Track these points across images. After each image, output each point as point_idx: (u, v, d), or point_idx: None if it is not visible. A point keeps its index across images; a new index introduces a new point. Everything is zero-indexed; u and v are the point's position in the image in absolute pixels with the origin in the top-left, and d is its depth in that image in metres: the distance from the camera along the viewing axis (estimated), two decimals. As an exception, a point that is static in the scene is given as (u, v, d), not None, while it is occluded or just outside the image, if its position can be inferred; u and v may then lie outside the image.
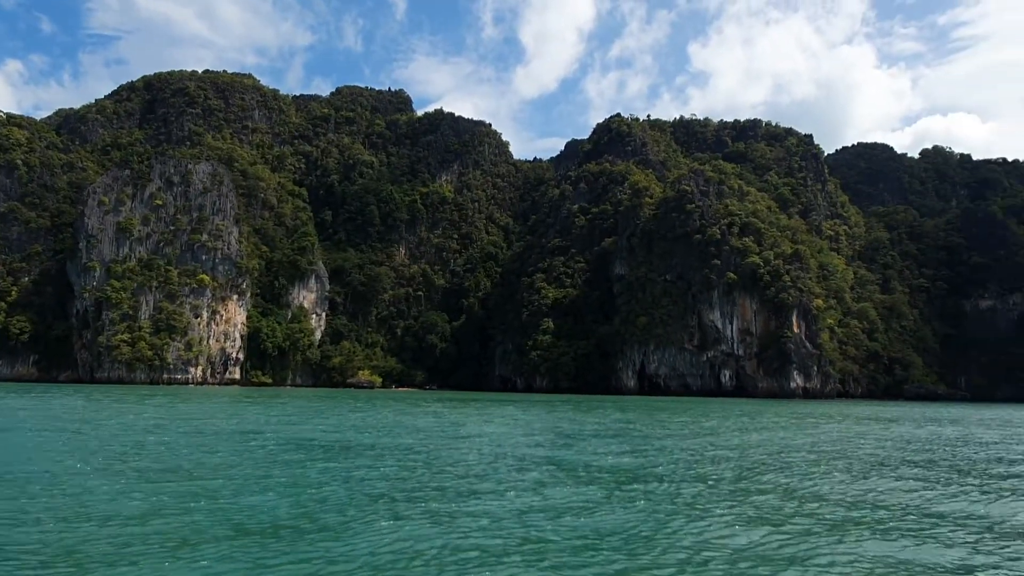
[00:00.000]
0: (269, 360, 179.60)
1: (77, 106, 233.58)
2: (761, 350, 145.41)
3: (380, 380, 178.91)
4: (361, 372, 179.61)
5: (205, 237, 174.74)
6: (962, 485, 18.29)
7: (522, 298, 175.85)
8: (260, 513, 13.60)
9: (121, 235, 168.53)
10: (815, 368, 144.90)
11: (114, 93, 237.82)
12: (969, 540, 12.29)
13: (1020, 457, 25.18)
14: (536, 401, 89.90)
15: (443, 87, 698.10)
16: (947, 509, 15.07)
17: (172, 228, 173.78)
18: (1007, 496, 16.57)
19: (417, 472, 19.36)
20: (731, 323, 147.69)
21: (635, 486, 17.25)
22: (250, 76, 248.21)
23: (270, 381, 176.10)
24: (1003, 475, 20.31)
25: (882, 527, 13.30)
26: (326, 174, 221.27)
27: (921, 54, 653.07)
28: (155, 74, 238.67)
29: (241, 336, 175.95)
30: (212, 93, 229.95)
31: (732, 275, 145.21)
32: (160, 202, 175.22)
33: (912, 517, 14.31)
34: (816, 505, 15.27)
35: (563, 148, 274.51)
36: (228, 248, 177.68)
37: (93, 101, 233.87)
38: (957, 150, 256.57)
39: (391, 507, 14.23)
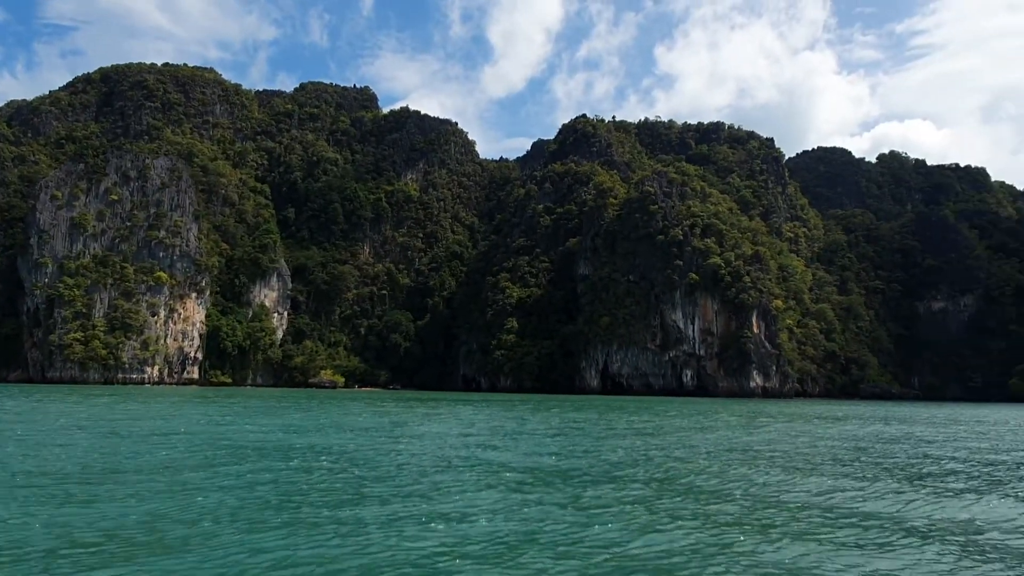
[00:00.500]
0: (229, 360, 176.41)
1: (30, 98, 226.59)
2: (722, 350, 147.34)
3: (343, 380, 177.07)
4: (323, 372, 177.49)
5: (163, 234, 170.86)
6: (878, 483, 18.36)
7: (486, 297, 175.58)
8: (100, 522, 12.18)
9: (75, 231, 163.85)
10: (774, 368, 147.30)
11: (69, 85, 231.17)
12: (867, 540, 12.11)
13: (948, 456, 25.57)
14: (495, 401, 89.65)
15: (410, 84, 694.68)
16: (853, 507, 14.96)
17: (128, 224, 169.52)
18: (921, 495, 16.61)
19: (317, 475, 18.29)
20: (693, 323, 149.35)
21: (547, 488, 16.62)
22: (211, 70, 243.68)
23: (230, 381, 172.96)
24: (924, 474, 20.50)
25: (776, 526, 13.11)
26: (289, 171, 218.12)
27: (880, 61, 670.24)
28: (112, 66, 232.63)
29: (200, 335, 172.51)
30: (172, 87, 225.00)
31: (694, 276, 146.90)
32: (116, 197, 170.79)
33: (811, 515, 14.11)
34: (721, 505, 14.88)
35: (529, 148, 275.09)
36: (187, 245, 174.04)
37: (47, 93, 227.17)
38: (913, 156, 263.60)
39: (259, 516, 12.97)
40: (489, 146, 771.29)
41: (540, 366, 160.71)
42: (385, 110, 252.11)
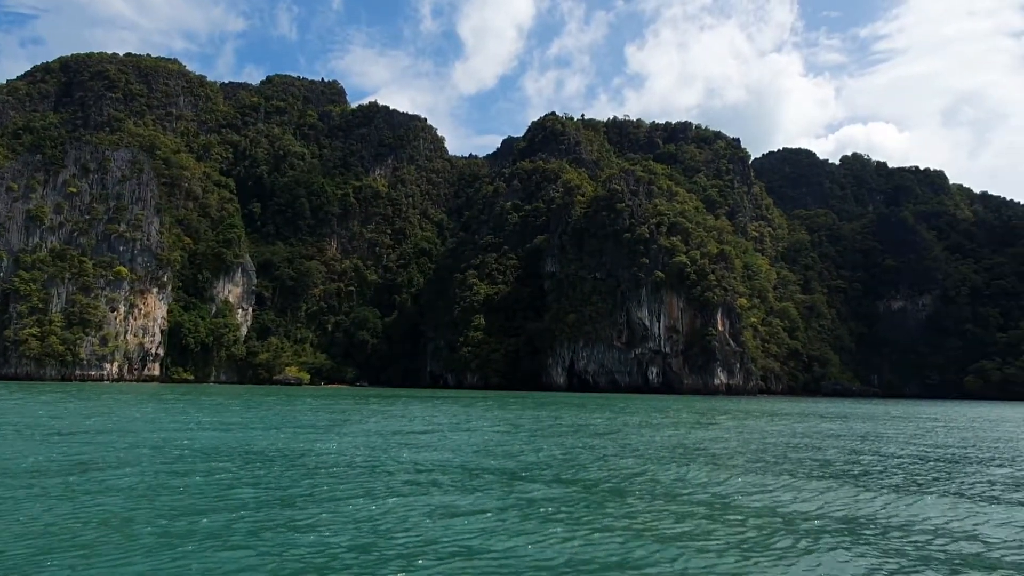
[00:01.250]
0: (191, 356, 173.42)
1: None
2: (687, 348, 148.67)
3: (308, 377, 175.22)
4: (288, 369, 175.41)
5: (123, 227, 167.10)
6: (785, 478, 18.28)
7: (454, 294, 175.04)
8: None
9: (31, 224, 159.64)
10: (738, 365, 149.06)
11: (28, 74, 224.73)
12: (750, 537, 12.00)
13: (870, 454, 25.90)
14: (454, 398, 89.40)
15: (379, 80, 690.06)
16: (757, 504, 14.95)
17: (87, 217, 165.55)
18: (828, 492, 16.39)
19: (215, 479, 17.19)
20: (658, 321, 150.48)
21: (444, 491, 16.03)
22: (175, 61, 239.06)
23: (192, 378, 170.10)
24: (842, 472, 20.60)
25: (669, 525, 13.05)
26: (255, 165, 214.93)
27: (844, 65, 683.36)
28: (73, 55, 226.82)
29: (161, 331, 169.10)
30: (134, 77, 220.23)
31: (660, 274, 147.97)
32: (74, 190, 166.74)
33: (709, 512, 14.03)
34: (618, 503, 14.70)
35: (500, 145, 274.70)
36: (148, 239, 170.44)
37: (4, 82, 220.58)
38: (876, 158, 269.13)
39: (126, 526, 11.98)
40: (460, 143, 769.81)
41: (507, 363, 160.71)
42: (353, 105, 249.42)
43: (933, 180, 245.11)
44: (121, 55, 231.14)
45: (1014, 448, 28.55)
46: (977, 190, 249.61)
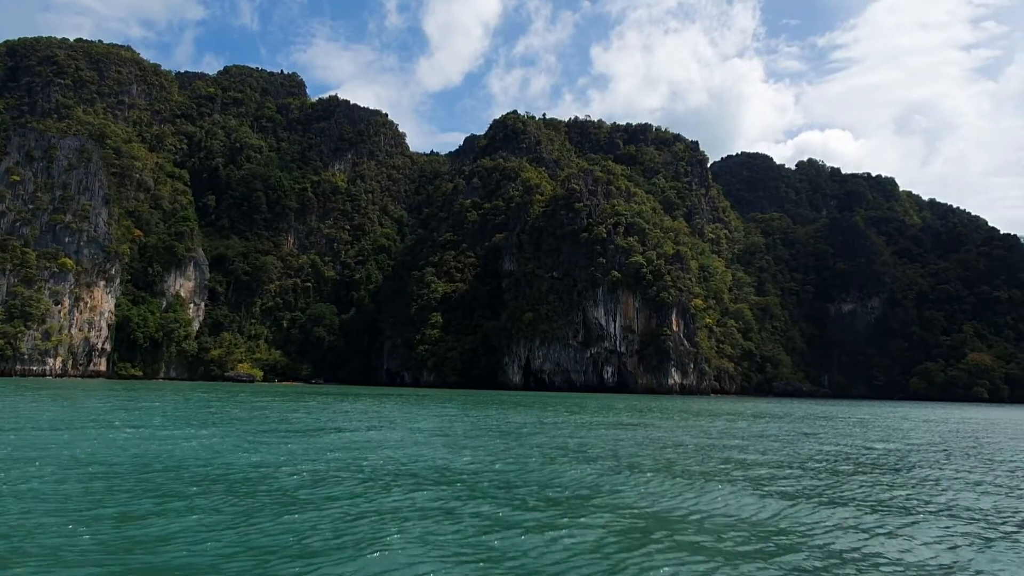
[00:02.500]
0: (140, 351, 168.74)
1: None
2: (642, 347, 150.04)
3: (261, 374, 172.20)
4: (240, 365, 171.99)
5: (69, 218, 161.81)
6: (671, 480, 18.02)
7: (411, 292, 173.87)
8: None
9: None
10: (692, 365, 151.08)
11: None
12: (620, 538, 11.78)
13: (777, 454, 26.08)
14: (406, 395, 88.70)
15: (343, 74, 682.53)
16: (631, 503, 14.70)
17: (31, 207, 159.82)
18: (716, 493, 15.96)
19: (66, 487, 15.24)
20: (614, 320, 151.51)
21: (271, 497, 14.63)
22: (128, 48, 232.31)
23: (140, 374, 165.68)
24: (739, 475, 20.49)
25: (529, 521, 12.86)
26: (210, 156, 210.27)
27: (803, 72, 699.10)
28: (20, 39, 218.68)
29: (108, 325, 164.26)
30: (84, 64, 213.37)
31: (616, 273, 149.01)
32: (17, 178, 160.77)
33: (585, 508, 13.88)
34: (480, 504, 14.22)
35: (462, 143, 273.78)
36: (95, 230, 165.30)
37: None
38: (832, 164, 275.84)
39: None
40: (424, 140, 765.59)
41: (463, 361, 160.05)
42: (314, 99, 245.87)
43: (884, 187, 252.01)
44: (71, 40, 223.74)
45: (901, 453, 29.20)
46: (927, 197, 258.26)
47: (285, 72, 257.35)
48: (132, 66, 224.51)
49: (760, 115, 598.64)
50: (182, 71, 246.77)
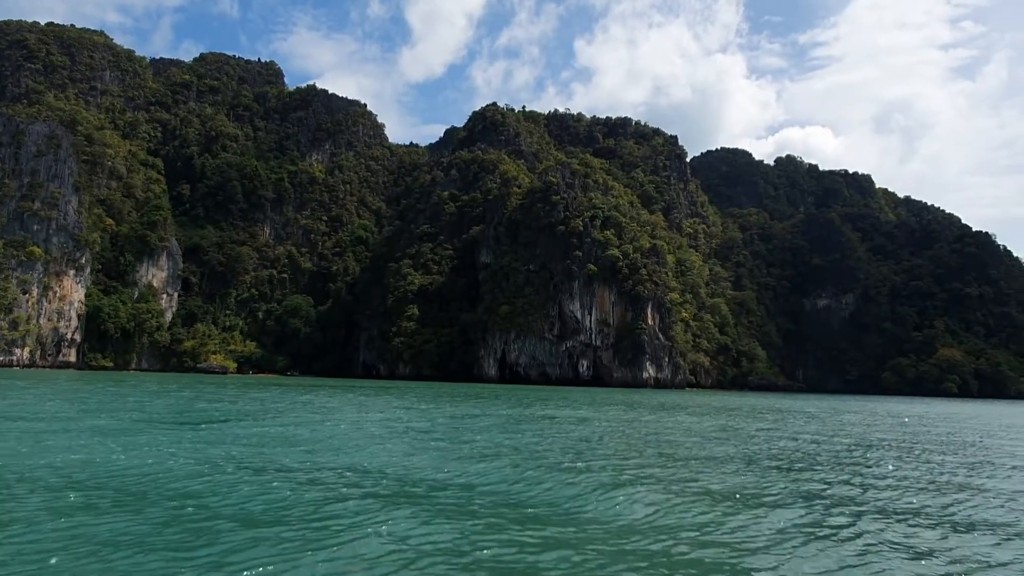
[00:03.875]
0: (111, 342, 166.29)
1: None
2: (617, 341, 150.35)
3: (235, 366, 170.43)
4: (213, 357, 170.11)
5: (37, 205, 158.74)
6: (581, 476, 17.63)
7: (388, 284, 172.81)
8: None
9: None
10: (667, 359, 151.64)
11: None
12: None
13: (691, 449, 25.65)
14: (376, 388, 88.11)
15: (324, 64, 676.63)
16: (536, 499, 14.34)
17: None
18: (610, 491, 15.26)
19: None
20: (590, 314, 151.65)
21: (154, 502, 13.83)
22: (101, 33, 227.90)
23: (111, 365, 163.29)
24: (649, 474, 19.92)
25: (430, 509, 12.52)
26: (185, 145, 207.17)
27: (785, 69, 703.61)
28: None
29: (78, 315, 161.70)
30: (56, 48, 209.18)
31: (592, 267, 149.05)
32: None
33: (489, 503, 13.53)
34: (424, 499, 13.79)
35: (442, 135, 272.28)
36: (65, 218, 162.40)
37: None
38: (813, 161, 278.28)
39: None
40: (406, 131, 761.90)
41: (439, 354, 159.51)
42: (292, 88, 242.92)
43: (861, 184, 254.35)
44: (42, 24, 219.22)
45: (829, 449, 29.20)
46: (905, 195, 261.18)
47: (263, 60, 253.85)
48: (105, 51, 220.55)
49: (742, 111, 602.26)
50: (157, 58, 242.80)
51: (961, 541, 11.89)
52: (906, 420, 50.38)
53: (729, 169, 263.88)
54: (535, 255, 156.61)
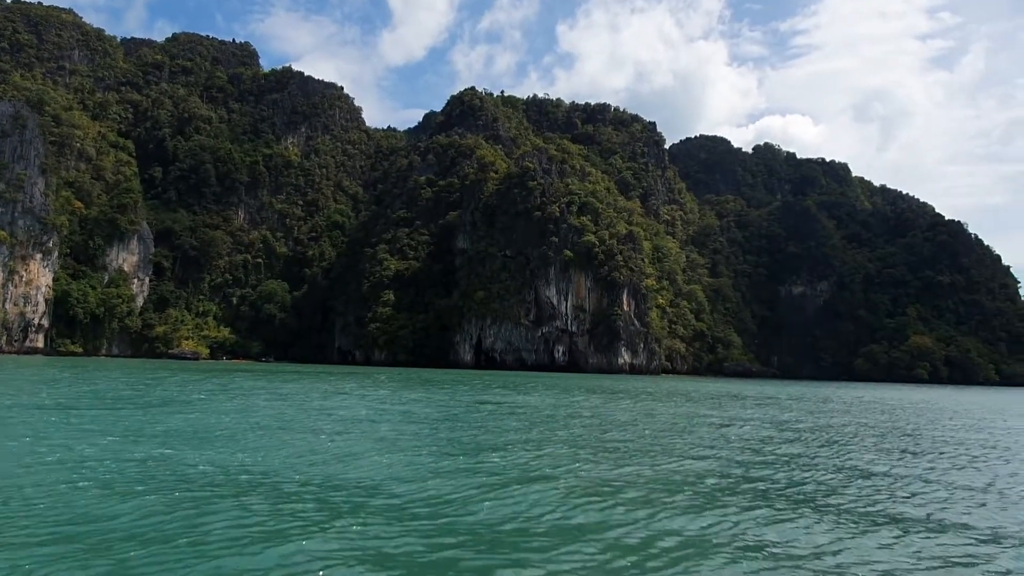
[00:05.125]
0: (80, 327, 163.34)
1: None
2: (593, 327, 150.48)
3: (207, 351, 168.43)
4: (186, 342, 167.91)
5: (2, 187, 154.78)
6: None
7: (364, 269, 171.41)
8: None
9: None
10: (642, 345, 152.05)
11: None
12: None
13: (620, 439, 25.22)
14: (344, 373, 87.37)
15: (302, 46, 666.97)
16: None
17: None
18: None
19: None
20: (566, 299, 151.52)
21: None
22: (70, 11, 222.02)
23: (80, 350, 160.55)
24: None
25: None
26: (157, 127, 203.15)
27: (766, 57, 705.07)
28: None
29: (46, 300, 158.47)
30: (23, 26, 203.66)
31: (568, 252, 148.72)
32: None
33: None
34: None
35: (421, 119, 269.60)
36: (31, 201, 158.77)
37: None
38: (792, 149, 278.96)
39: None
40: (386, 116, 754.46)
41: (415, 340, 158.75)
42: (267, 69, 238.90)
43: (837, 172, 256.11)
44: (8, 2, 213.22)
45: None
46: (887, 185, 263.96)
47: (237, 41, 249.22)
48: (74, 30, 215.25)
49: (724, 98, 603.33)
50: (128, 37, 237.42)
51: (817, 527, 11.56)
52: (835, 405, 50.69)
53: (708, 156, 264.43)
54: (511, 241, 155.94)
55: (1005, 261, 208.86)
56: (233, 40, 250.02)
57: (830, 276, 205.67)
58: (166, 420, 23.32)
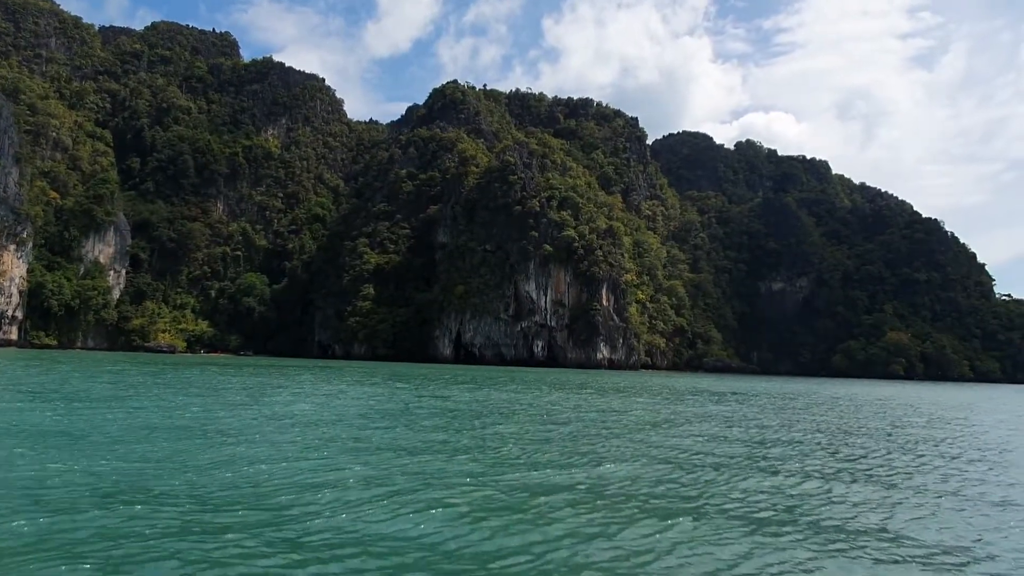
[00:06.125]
0: (55, 320, 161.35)
1: None
2: (572, 321, 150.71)
3: (184, 345, 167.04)
4: (162, 335, 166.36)
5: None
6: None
7: (343, 263, 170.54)
8: None
9: None
10: (621, 340, 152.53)
11: None
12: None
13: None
14: (314, 367, 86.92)
15: (286, 37, 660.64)
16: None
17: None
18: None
19: None
20: (545, 294, 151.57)
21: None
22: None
23: (55, 343, 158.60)
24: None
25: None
26: (135, 117, 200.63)
27: (750, 54, 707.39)
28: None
29: (20, 292, 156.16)
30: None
31: (548, 247, 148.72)
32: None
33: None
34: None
35: (404, 112, 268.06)
36: (5, 191, 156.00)
37: None
38: (775, 147, 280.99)
39: None
40: (370, 108, 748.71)
41: (395, 334, 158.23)
42: (248, 59, 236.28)
43: (818, 169, 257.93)
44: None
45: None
46: (867, 182, 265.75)
47: (217, 31, 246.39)
48: (51, 18, 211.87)
49: (709, 95, 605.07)
50: (107, 26, 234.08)
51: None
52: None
53: (690, 152, 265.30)
54: (492, 235, 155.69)
55: (980, 259, 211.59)
56: (213, 30, 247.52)
57: (809, 273, 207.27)
58: (64, 417, 21.78)
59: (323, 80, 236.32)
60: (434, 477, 14.03)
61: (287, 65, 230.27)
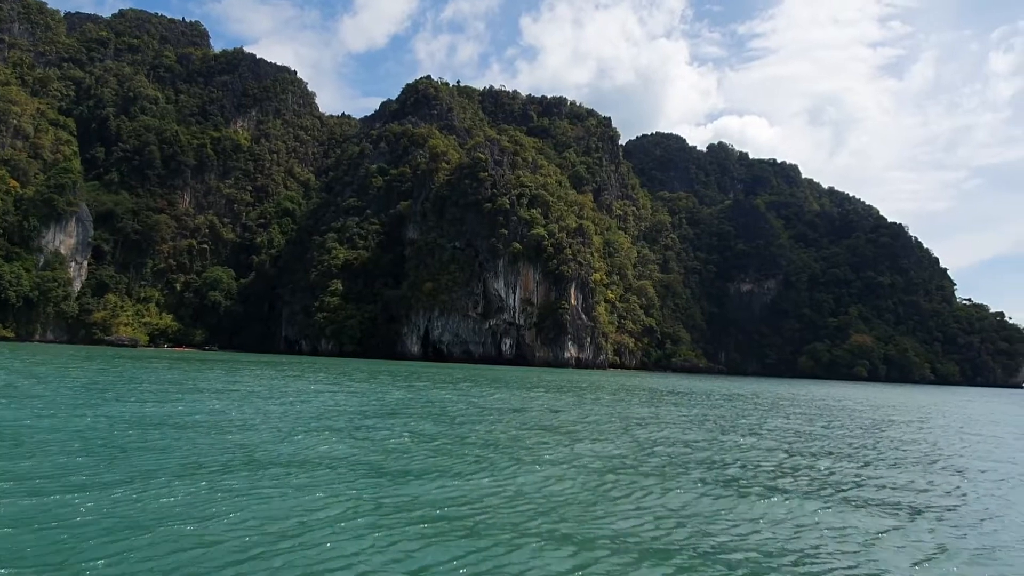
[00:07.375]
0: (13, 312, 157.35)
1: None
2: (540, 320, 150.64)
3: (146, 339, 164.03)
4: (124, 329, 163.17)
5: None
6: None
7: (311, 258, 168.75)
8: None
9: None
10: (588, 339, 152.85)
11: None
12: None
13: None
14: (275, 363, 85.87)
15: (260, 29, 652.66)
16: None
17: None
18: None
19: None
20: (514, 292, 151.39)
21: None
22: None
23: (13, 335, 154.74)
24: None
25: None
26: (100, 105, 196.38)
27: (725, 58, 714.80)
28: None
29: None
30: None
31: (517, 245, 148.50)
32: None
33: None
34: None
35: (378, 107, 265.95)
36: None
37: None
38: (749, 150, 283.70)
39: None
40: (345, 104, 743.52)
41: (363, 330, 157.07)
42: (217, 50, 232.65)
43: (788, 173, 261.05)
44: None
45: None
46: (835, 187, 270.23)
47: (187, 20, 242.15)
48: (14, 2, 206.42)
49: (684, 98, 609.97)
50: (72, 12, 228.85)
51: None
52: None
53: (663, 153, 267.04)
54: (461, 232, 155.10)
55: (943, 264, 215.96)
56: (183, 19, 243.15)
57: (777, 275, 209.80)
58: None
59: (295, 73, 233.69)
60: (338, 485, 13.54)
61: (258, 57, 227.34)
